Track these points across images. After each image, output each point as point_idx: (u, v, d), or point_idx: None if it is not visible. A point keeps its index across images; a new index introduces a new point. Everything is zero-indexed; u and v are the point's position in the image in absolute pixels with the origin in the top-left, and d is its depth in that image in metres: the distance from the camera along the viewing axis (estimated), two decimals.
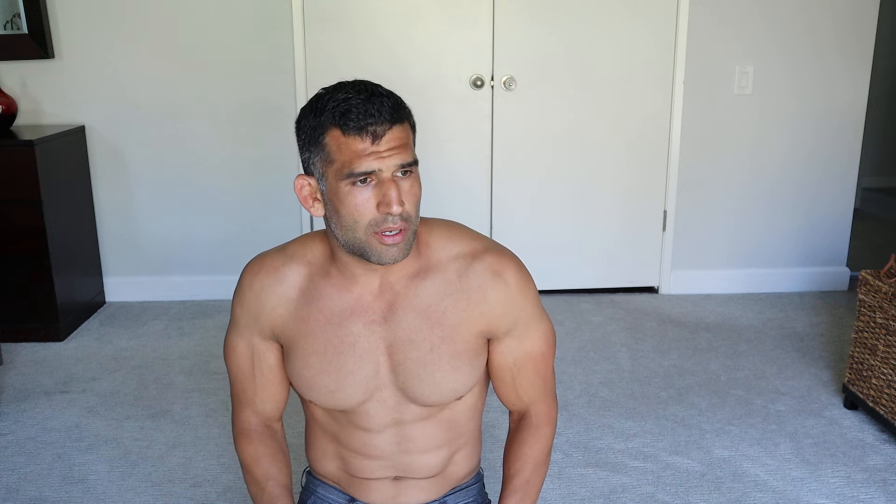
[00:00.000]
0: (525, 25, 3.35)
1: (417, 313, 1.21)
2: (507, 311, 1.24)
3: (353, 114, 1.08)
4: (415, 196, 1.13)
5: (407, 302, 1.22)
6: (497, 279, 1.23)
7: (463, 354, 1.23)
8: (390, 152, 1.09)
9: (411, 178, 1.13)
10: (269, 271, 1.27)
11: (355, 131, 1.08)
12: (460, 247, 1.24)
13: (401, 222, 1.11)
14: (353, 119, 1.08)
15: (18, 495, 2.17)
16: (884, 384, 2.36)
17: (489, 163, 3.50)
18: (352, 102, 1.08)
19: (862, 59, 3.42)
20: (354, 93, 1.09)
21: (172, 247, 3.58)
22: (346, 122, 1.08)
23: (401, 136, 1.10)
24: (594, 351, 3.03)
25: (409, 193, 1.12)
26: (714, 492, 2.15)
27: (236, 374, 1.35)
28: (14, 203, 3.06)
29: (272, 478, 1.34)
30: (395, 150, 1.09)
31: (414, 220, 1.14)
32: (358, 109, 1.08)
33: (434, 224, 1.26)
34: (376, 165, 1.08)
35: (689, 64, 3.39)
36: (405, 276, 1.22)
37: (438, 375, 1.22)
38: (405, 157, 1.10)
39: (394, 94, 1.12)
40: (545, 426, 1.36)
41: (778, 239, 3.62)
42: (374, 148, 1.08)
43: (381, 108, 1.08)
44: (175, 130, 3.45)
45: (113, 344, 3.16)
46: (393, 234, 1.12)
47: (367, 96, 1.09)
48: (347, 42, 3.36)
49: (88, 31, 3.34)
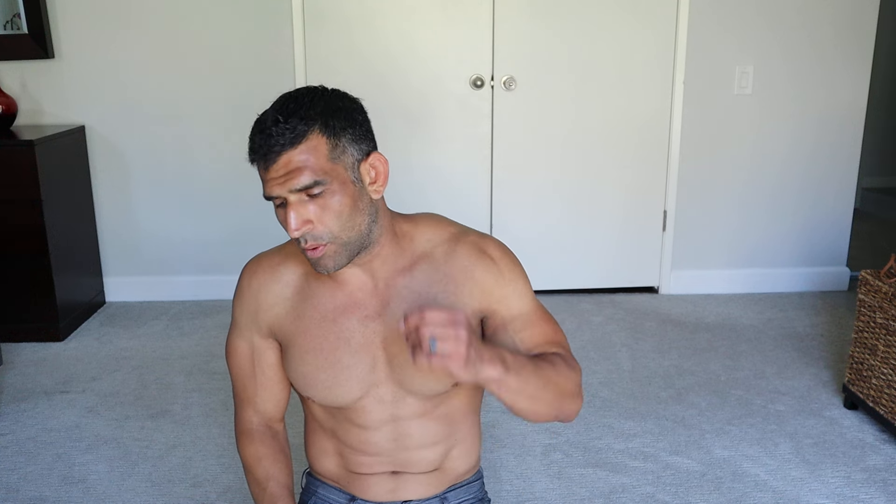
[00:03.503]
0: (525, 25, 3.35)
1: (409, 304, 1.23)
2: (497, 284, 1.24)
3: (251, 144, 1.13)
4: (332, 213, 1.13)
5: (399, 295, 1.23)
6: (482, 256, 1.25)
7: None
8: (282, 179, 1.11)
9: (323, 197, 1.12)
10: (266, 270, 1.29)
11: (252, 161, 1.14)
12: (443, 234, 1.27)
13: (311, 241, 1.14)
14: (251, 150, 1.13)
15: (18, 495, 2.17)
16: (884, 384, 2.36)
17: (489, 163, 3.50)
18: (253, 132, 1.13)
19: (862, 59, 3.42)
20: (261, 120, 1.13)
21: (172, 247, 3.58)
22: (249, 151, 1.13)
23: (296, 159, 1.10)
24: (594, 351, 3.03)
25: (323, 213, 1.13)
26: (714, 492, 2.15)
27: (237, 374, 1.36)
28: (14, 203, 3.06)
29: (273, 478, 1.35)
30: (286, 176, 1.11)
31: (338, 234, 1.15)
32: (253, 140, 1.12)
33: (418, 218, 1.29)
34: (275, 192, 1.12)
35: (689, 64, 3.39)
36: (395, 271, 1.24)
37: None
38: (297, 183, 1.10)
39: (297, 113, 1.10)
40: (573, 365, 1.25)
41: (778, 239, 3.62)
42: (269, 175, 1.12)
43: (268, 140, 1.10)
44: (175, 130, 3.45)
45: (113, 344, 3.16)
46: (310, 251, 1.16)
47: (263, 127, 1.12)
48: (347, 42, 3.36)
49: (88, 31, 3.34)
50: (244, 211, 3.52)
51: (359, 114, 1.17)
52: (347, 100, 1.17)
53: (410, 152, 3.46)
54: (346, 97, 1.17)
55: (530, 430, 2.46)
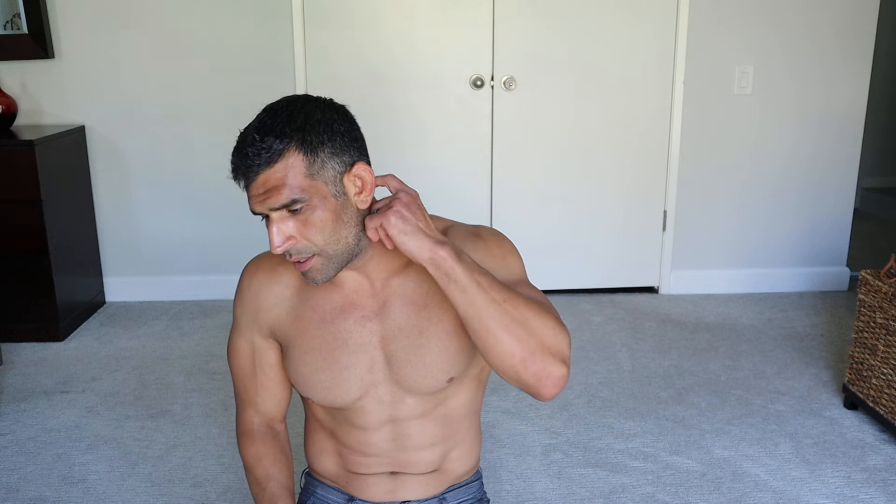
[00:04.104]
0: (525, 25, 3.35)
1: (404, 302, 1.23)
2: (484, 260, 1.21)
3: (232, 162, 1.13)
4: (314, 228, 1.12)
5: (396, 294, 1.24)
6: (475, 239, 1.24)
7: (452, 332, 1.23)
8: (262, 197, 1.11)
9: (304, 213, 1.12)
10: (266, 271, 1.30)
11: (235, 179, 1.14)
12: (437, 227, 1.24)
13: (296, 255, 1.14)
14: (232, 169, 1.13)
15: (18, 495, 2.17)
16: (884, 384, 2.36)
17: (489, 163, 3.50)
18: (234, 150, 1.12)
19: (862, 59, 3.42)
20: (241, 137, 1.12)
21: (172, 247, 3.58)
22: (231, 170, 1.14)
23: (273, 178, 1.09)
24: (594, 351, 3.03)
25: (305, 228, 1.12)
26: (714, 492, 2.15)
27: (238, 374, 1.37)
28: (14, 203, 3.06)
29: (273, 478, 1.35)
30: (265, 195, 1.10)
31: (322, 247, 1.14)
32: (233, 160, 1.12)
33: None
34: (257, 209, 1.13)
35: (689, 64, 3.39)
36: (390, 271, 1.24)
37: (429, 358, 1.23)
38: (274, 201, 1.10)
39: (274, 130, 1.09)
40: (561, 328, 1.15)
41: (778, 239, 3.62)
42: (250, 193, 1.12)
43: (245, 160, 1.10)
44: (175, 130, 3.45)
45: (113, 344, 3.16)
46: (299, 263, 1.16)
47: (240, 146, 1.11)
48: (347, 42, 3.36)
49: (88, 31, 3.34)
50: (244, 211, 3.51)
51: (340, 124, 1.13)
52: (330, 111, 1.13)
53: (410, 152, 3.46)
54: (328, 108, 1.14)
55: (530, 430, 2.46)
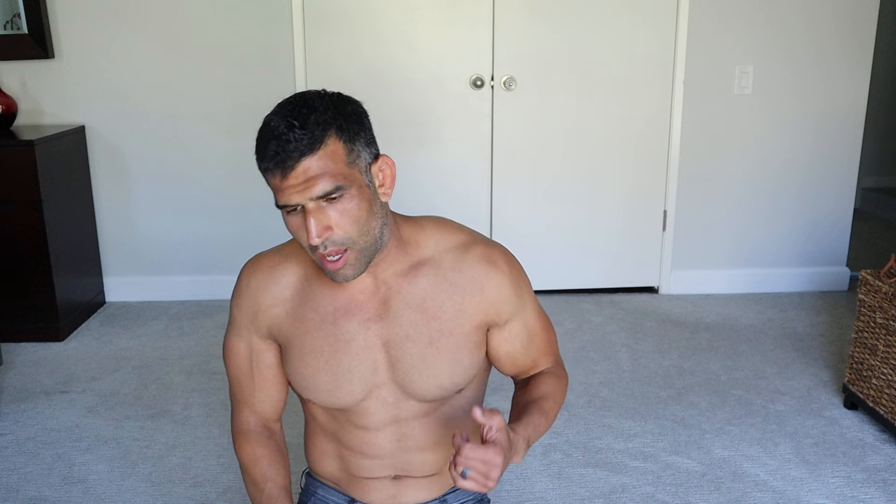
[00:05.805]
0: (525, 25, 3.35)
1: (413, 309, 1.22)
2: (506, 297, 1.25)
3: (264, 152, 1.08)
4: (350, 217, 1.11)
5: (402, 298, 1.22)
6: (492, 268, 1.24)
7: (463, 347, 1.24)
8: (301, 186, 1.08)
9: (342, 202, 1.10)
10: (265, 271, 1.28)
11: (266, 170, 1.09)
12: (450, 241, 1.25)
13: (333, 247, 1.12)
14: (264, 158, 1.09)
15: (18, 495, 2.17)
16: (884, 384, 2.36)
17: (489, 163, 3.50)
18: (265, 139, 1.08)
19: (862, 59, 3.42)
20: (272, 126, 1.08)
21: (172, 247, 3.58)
22: (260, 160, 1.09)
23: (315, 165, 1.07)
24: (594, 351, 3.03)
25: (342, 218, 1.11)
26: (714, 492, 2.15)
27: (235, 374, 1.35)
28: (14, 203, 3.06)
29: (270, 479, 1.34)
30: (306, 183, 1.07)
31: (356, 239, 1.13)
32: (267, 148, 1.08)
33: (423, 222, 1.28)
34: (293, 200, 1.09)
35: (689, 64, 3.39)
36: (397, 273, 1.23)
37: (438, 369, 1.23)
38: (318, 190, 1.08)
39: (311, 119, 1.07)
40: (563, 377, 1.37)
41: (778, 239, 3.62)
42: (286, 183, 1.08)
43: (286, 146, 1.06)
44: (175, 130, 3.45)
45: (113, 344, 3.16)
46: (332, 260, 1.13)
47: (277, 133, 1.07)
48: (347, 42, 3.36)
49: (88, 31, 3.34)
50: (244, 211, 3.52)
51: (365, 117, 1.15)
52: (353, 103, 1.15)
53: (410, 152, 3.46)
54: (351, 101, 1.15)
55: None
